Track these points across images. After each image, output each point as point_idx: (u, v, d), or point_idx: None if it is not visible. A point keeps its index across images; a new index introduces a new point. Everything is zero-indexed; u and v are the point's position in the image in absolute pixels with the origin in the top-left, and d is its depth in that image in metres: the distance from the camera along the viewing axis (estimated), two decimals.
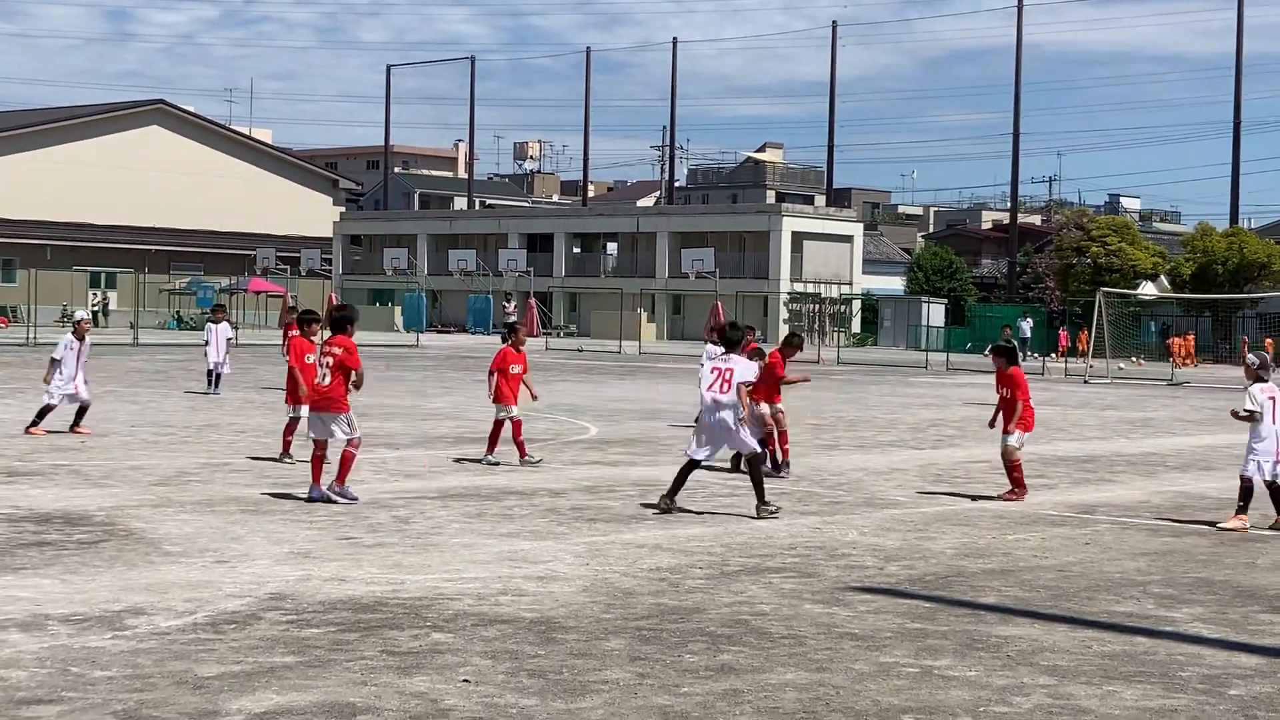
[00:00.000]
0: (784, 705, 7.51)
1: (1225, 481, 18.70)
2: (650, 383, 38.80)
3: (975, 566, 11.87)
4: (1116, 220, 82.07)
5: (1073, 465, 20.27)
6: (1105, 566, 12.02)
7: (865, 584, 10.95)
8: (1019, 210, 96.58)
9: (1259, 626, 9.77)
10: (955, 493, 16.76)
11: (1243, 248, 71.52)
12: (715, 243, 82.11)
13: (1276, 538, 13.88)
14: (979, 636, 9.22)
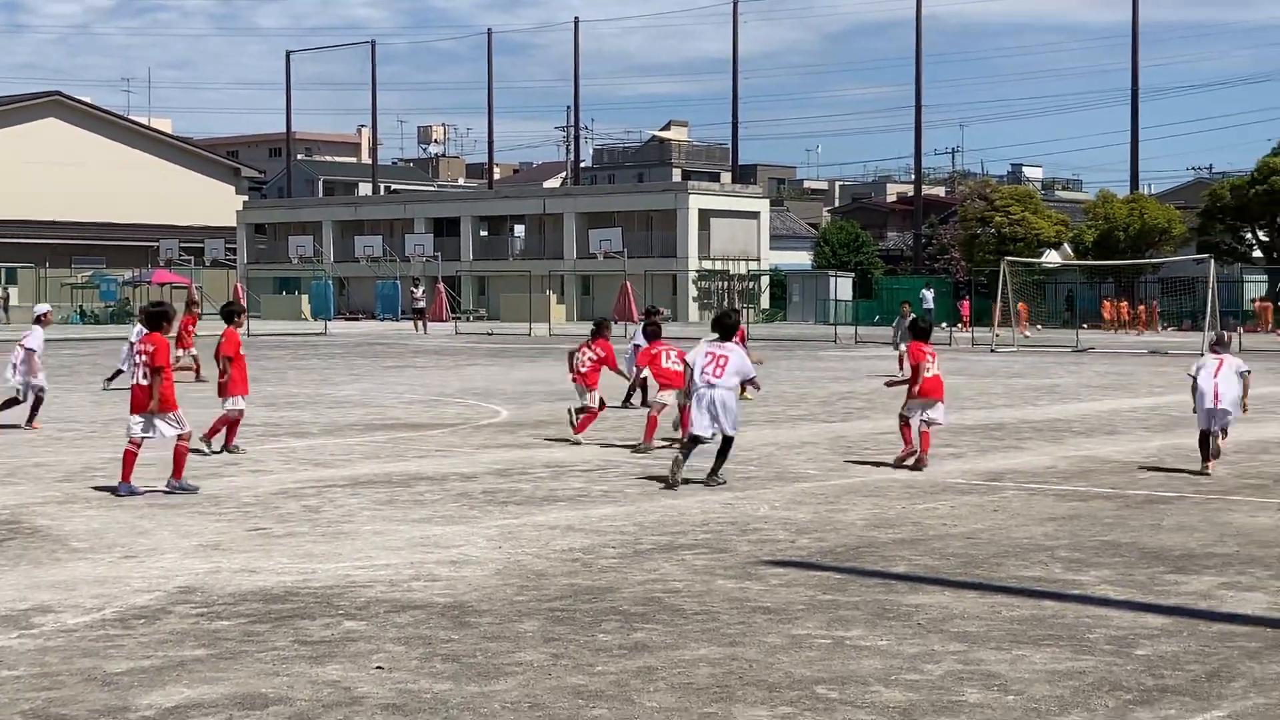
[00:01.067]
0: (697, 681, 7.55)
1: (1129, 445, 19.01)
2: (559, 364, 38.72)
3: (885, 537, 11.98)
4: (1019, 190, 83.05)
5: (980, 433, 20.49)
6: (1013, 532, 12.17)
7: (777, 558, 11.02)
8: (923, 182, 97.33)
9: (1164, 587, 9.93)
10: (864, 461, 16.88)
11: (1143, 214, 72.60)
12: (622, 222, 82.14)
13: (1180, 499, 14.11)
14: (890, 606, 9.31)
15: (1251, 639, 8.40)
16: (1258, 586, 9.90)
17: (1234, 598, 9.56)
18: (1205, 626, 8.71)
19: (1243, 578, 10.20)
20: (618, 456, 17.60)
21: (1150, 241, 72.32)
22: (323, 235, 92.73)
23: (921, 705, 7.10)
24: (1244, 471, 16.22)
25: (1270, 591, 9.73)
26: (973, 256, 76.52)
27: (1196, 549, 11.34)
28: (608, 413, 23.46)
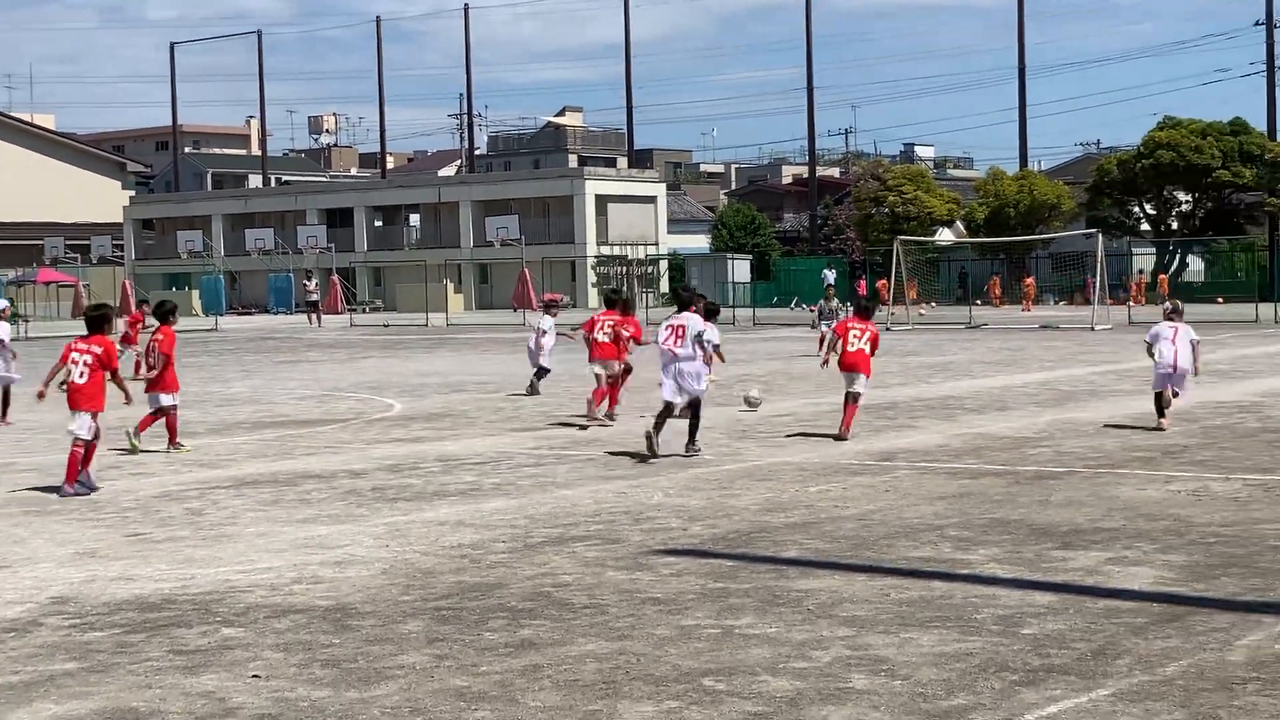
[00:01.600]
0: (583, 677, 7.43)
1: (1020, 421, 19.14)
2: (456, 355, 38.50)
3: (778, 521, 11.93)
4: (911, 169, 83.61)
5: (874, 413, 20.53)
6: (904, 512, 12.17)
7: (669, 546, 10.93)
8: (818, 164, 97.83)
9: (1052, 564, 9.95)
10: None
11: (1033, 190, 73.40)
12: (519, 209, 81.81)
13: (1070, 474, 14.19)
14: (780, 592, 9.25)
15: (1137, 615, 8.42)
16: (1144, 561, 9.95)
17: (1120, 573, 9.59)
18: (1091, 603, 8.73)
19: (1129, 552, 10.25)
20: (512, 448, 17.45)
21: (1040, 217, 73.13)
22: (212, 229, 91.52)
23: (808, 694, 7.04)
24: (1133, 445, 16.37)
25: (1156, 566, 9.78)
26: (868, 236, 77.03)
27: (1084, 524, 11.39)
28: (504, 404, 23.30)
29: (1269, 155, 70.21)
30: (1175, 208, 74.91)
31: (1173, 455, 15.37)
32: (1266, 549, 10.24)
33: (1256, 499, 12.40)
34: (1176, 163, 70.20)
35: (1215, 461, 14.77)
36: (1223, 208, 73.91)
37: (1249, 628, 8.04)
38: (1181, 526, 11.20)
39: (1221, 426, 17.90)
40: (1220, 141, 70.63)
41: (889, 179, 78.07)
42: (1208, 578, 9.37)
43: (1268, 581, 9.19)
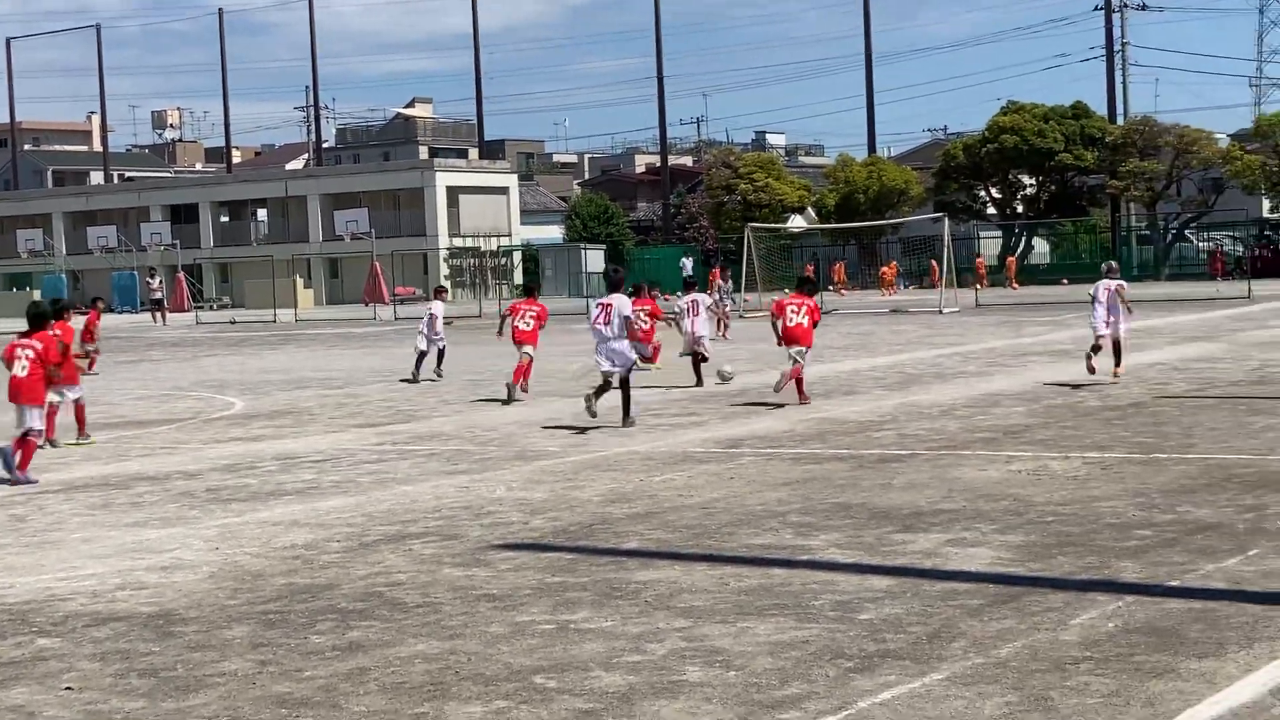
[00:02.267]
0: (411, 679, 7.23)
1: (866, 405, 19.22)
2: (303, 351, 37.92)
3: (620, 512, 11.80)
4: (762, 157, 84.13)
5: (723, 400, 20.52)
6: (747, 500, 12.10)
7: (508, 541, 10.74)
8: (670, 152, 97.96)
9: (891, 547, 9.93)
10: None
11: (881, 176, 74.22)
12: (369, 203, 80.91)
13: (913, 457, 14.24)
14: (619, 584, 9.11)
15: (973, 596, 8.40)
16: (982, 542, 9.97)
17: (959, 555, 9.59)
18: (929, 586, 8.71)
19: (968, 534, 10.27)
20: (354, 445, 17.15)
21: (889, 203, 73.96)
22: (53, 227, 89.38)
23: (641, 688, 6.90)
24: (975, 425, 16.50)
25: (994, 546, 9.80)
26: (721, 224, 77.37)
27: (925, 506, 11.41)
28: (346, 399, 22.95)
29: (1109, 138, 71.69)
30: (1020, 191, 76.20)
31: (1014, 435, 15.50)
32: (1103, 527, 10.32)
33: (1094, 477, 12.52)
34: (1020, 147, 71.42)
35: (1055, 440, 14.93)
36: (1066, 190, 75.32)
37: (1083, 607, 8.06)
38: (1020, 506, 11.26)
39: (1062, 405, 18.12)
40: (1062, 125, 71.98)
41: (740, 167, 78.44)
42: (1044, 557, 9.40)
43: (1103, 560, 9.24)
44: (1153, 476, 12.39)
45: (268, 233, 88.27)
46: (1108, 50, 76.17)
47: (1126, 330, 21.40)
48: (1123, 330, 21.14)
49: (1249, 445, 13.99)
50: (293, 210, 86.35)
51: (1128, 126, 72.48)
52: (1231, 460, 13.09)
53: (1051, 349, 28.12)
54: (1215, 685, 6.54)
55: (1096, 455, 13.77)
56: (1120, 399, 18.55)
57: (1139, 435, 15.05)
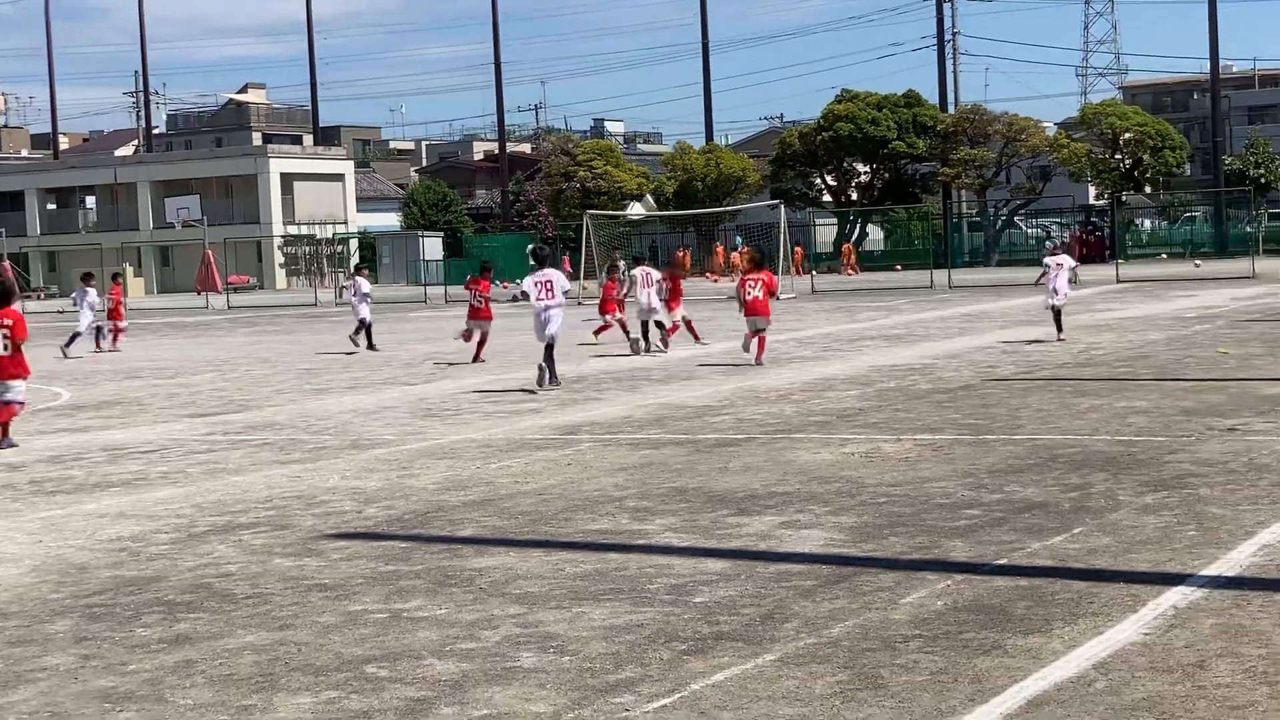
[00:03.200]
0: (239, 671, 7.09)
1: (704, 390, 19.32)
2: (133, 340, 37.10)
3: (456, 499, 11.70)
4: (601, 144, 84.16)
5: (561, 387, 20.47)
6: (584, 486, 12.08)
7: (341, 530, 10.60)
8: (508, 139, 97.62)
9: (726, 530, 9.97)
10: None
11: (719, 164, 74.74)
12: (201, 189, 79.54)
13: (749, 440, 14.33)
14: (453, 572, 9.03)
15: (806, 577, 8.47)
16: (815, 524, 10.05)
17: (793, 536, 9.67)
18: (763, 568, 8.76)
19: (802, 515, 10.36)
20: (185, 435, 16.81)
21: (727, 190, 74.51)
22: None
23: (474, 675, 6.84)
24: (810, 409, 16.66)
25: (827, 528, 9.90)
26: (560, 212, 77.30)
27: (760, 490, 11.49)
28: (178, 389, 22.50)
29: (941, 127, 72.98)
30: (855, 178, 77.29)
31: (847, 419, 15.69)
32: (933, 507, 10.47)
33: (925, 458, 12.71)
34: (855, 135, 72.43)
35: (888, 423, 15.13)
36: (899, 178, 76.58)
37: (913, 586, 8.16)
38: (853, 488, 11.39)
39: (895, 389, 18.38)
40: (895, 114, 73.11)
41: (579, 154, 78.43)
42: (876, 538, 9.51)
43: (933, 539, 9.37)
44: (981, 457, 12.61)
45: (96, 220, 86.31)
46: (939, 40, 77.56)
47: (1064, 297, 25.46)
48: (1064, 297, 25.38)
49: (1074, 426, 14.31)
50: (122, 197, 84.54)
51: (958, 115, 73.88)
52: (1057, 440, 13.37)
53: (886, 334, 28.54)
54: (1041, 661, 6.66)
55: (928, 437, 13.98)
56: (951, 382, 18.87)
57: (969, 417, 15.32)
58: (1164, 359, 20.75)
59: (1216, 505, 10.04)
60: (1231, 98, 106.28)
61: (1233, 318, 28.65)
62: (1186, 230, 77.60)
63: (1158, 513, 9.88)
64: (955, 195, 76.54)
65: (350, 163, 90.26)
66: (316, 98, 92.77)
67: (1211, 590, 7.78)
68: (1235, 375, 18.13)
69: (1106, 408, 15.54)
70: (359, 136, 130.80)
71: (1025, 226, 79.36)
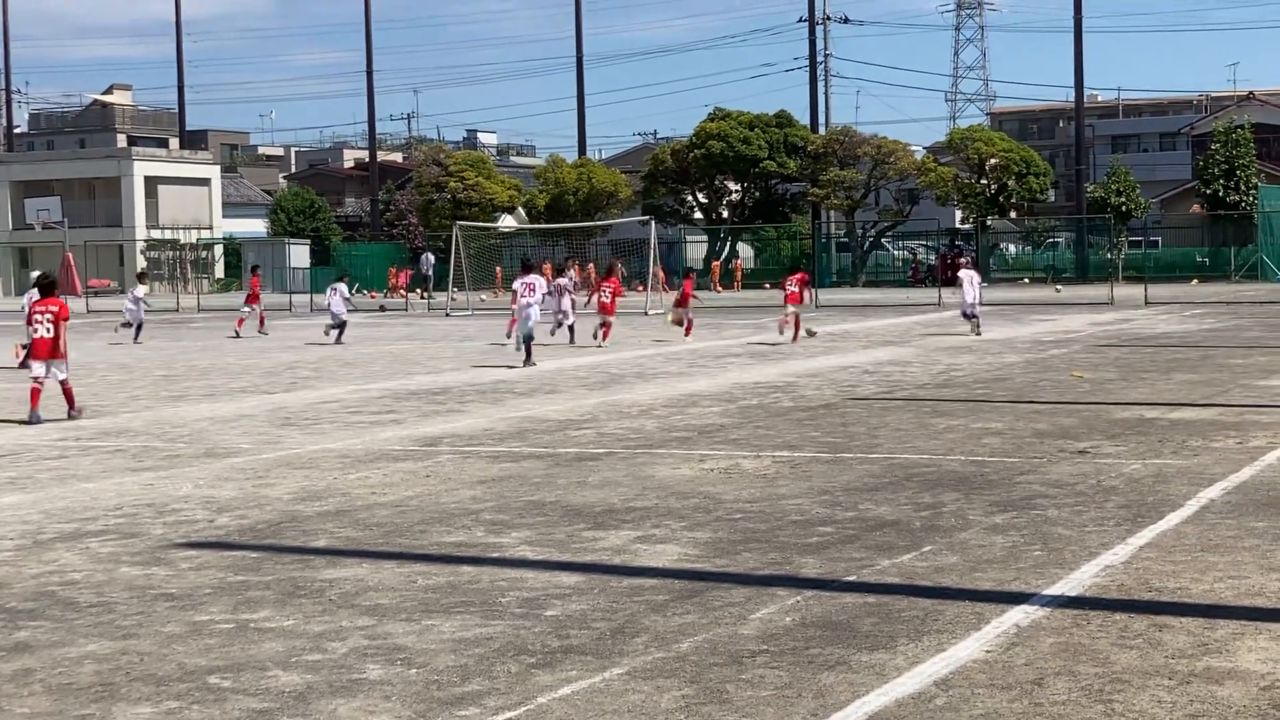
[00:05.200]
0: (79, 680, 6.97)
1: (567, 403, 19.35)
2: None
3: (311, 510, 11.61)
4: (473, 155, 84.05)
5: (424, 398, 20.41)
6: (442, 498, 12.04)
7: (191, 539, 10.46)
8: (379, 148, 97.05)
9: (582, 544, 9.99)
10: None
11: (591, 178, 74.91)
12: (62, 191, 78.12)
13: (609, 455, 14.36)
14: (303, 583, 8.96)
15: (659, 592, 8.52)
16: (671, 539, 10.11)
17: (647, 551, 9.71)
18: (617, 582, 8.79)
19: (658, 530, 10.41)
20: (35, 440, 16.50)
21: (599, 205, 74.70)
22: None
23: (319, 687, 6.79)
24: (672, 425, 16.74)
25: (682, 543, 9.95)
26: (430, 222, 76.96)
27: (618, 504, 11.52)
28: None
29: (811, 147, 73.78)
30: (726, 196, 77.84)
31: (708, 435, 15.79)
32: (787, 523, 10.58)
33: (783, 475, 12.83)
34: (726, 153, 72.99)
35: (748, 440, 15.25)
36: (770, 197, 77.27)
37: (763, 601, 8.24)
38: (710, 504, 11.46)
39: (757, 406, 18.53)
40: (767, 133, 73.82)
41: (451, 165, 78.17)
42: (730, 553, 9.58)
43: (785, 555, 9.47)
44: (838, 475, 12.76)
45: None
46: (810, 61, 78.42)
47: (979, 304, 32.51)
48: (980, 306, 32.73)
49: (930, 445, 14.53)
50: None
51: (829, 136, 74.72)
52: (913, 460, 13.57)
53: (751, 351, 28.77)
54: (884, 677, 6.76)
55: (787, 454, 14.12)
56: (812, 400, 19.07)
57: (828, 435, 15.49)
58: (1020, 382, 21.14)
59: (1063, 526, 10.25)
60: (1096, 126, 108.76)
61: (1089, 342, 29.27)
62: (1049, 255, 79.25)
63: (1006, 532, 10.06)
64: (824, 215, 77.40)
65: (217, 167, 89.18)
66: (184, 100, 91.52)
67: (1054, 609, 7.95)
68: (1089, 399, 18.52)
69: (962, 428, 15.80)
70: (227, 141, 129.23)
71: (892, 248, 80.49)
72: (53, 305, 18.87)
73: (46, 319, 18.74)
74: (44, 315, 18.77)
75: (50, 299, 19.00)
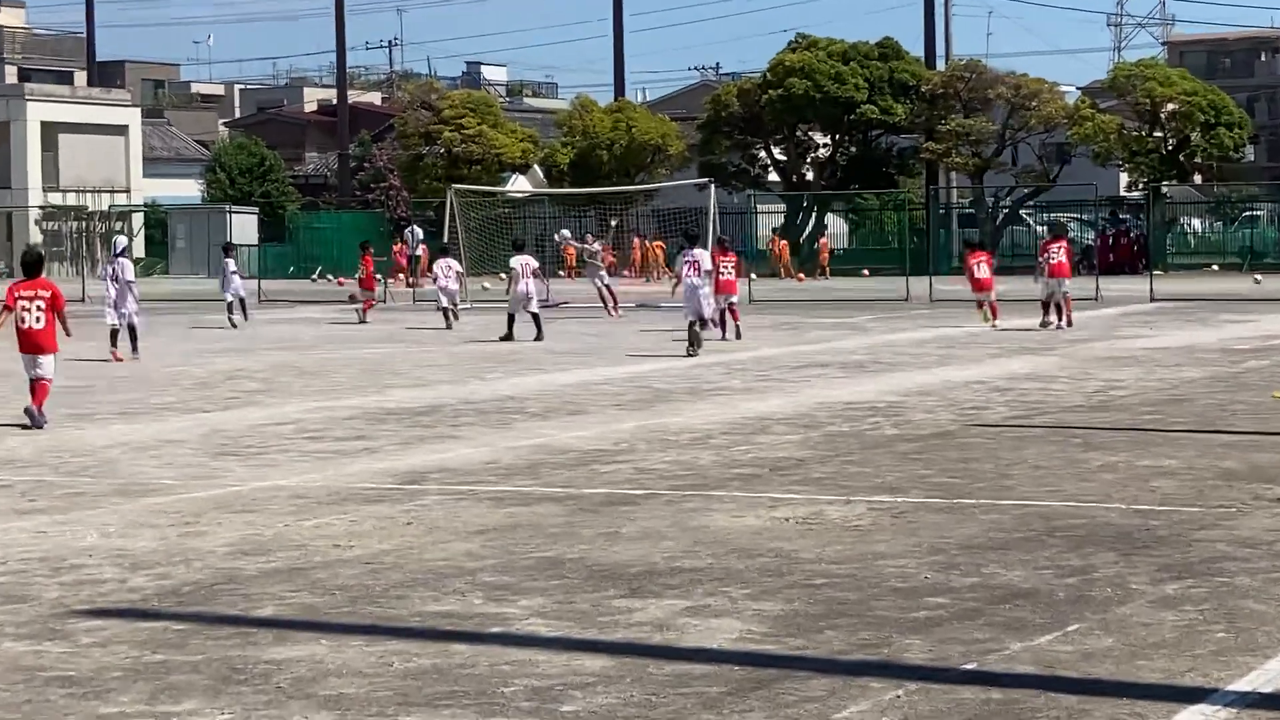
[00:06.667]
0: None
1: (595, 428, 19.46)
2: None
3: (255, 568, 11.71)
4: (475, 96, 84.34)
5: (405, 419, 20.53)
6: (428, 553, 12.12)
7: (97, 605, 10.58)
8: (351, 86, 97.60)
9: (612, 617, 10.04)
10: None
11: (631, 127, 74.95)
12: None
13: (650, 497, 14.43)
14: (243, 664, 9.04)
15: (713, 682, 8.56)
16: (730, 611, 10.15)
17: (699, 627, 9.76)
18: (657, 668, 8.83)
19: (713, 600, 10.45)
20: None
21: (641, 163, 74.84)
22: None
23: None
24: (734, 458, 16.80)
25: (745, 617, 9.99)
26: (417, 185, 77.27)
27: (660, 563, 11.58)
28: None
29: (926, 87, 73.65)
30: (811, 152, 77.79)
31: (783, 472, 15.83)
32: (886, 592, 10.60)
33: (881, 527, 12.86)
34: (812, 94, 72.94)
35: (835, 480, 15.28)
36: (870, 153, 77.14)
37: (852, 696, 8.27)
38: (783, 565, 11.50)
39: (849, 434, 18.57)
40: (867, 68, 73.76)
41: (445, 109, 78.48)
42: (808, 631, 9.61)
43: (881, 634, 9.49)
44: (955, 528, 12.77)
45: None
46: None
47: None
48: (1069, 285, 35.43)
49: (1079, 490, 14.52)
50: None
51: (950, 72, 74.69)
52: (1056, 509, 13.57)
53: (842, 360, 28.80)
54: None
55: (886, 499, 14.13)
56: (922, 427, 19.09)
57: (943, 475, 15.50)
58: (1203, 405, 21.11)
59: (1256, 599, 10.24)
60: None
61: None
62: (1245, 235, 78.76)
63: (1179, 607, 10.06)
64: (943, 178, 77.33)
65: (137, 111, 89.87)
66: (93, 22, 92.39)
67: (1240, 710, 7.95)
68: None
69: (1124, 467, 15.79)
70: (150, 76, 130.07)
71: (1034, 222, 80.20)
72: (44, 289, 20.29)
73: (37, 306, 20.01)
74: (32, 302, 20.03)
75: (38, 280, 20.47)
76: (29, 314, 20.00)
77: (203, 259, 76.36)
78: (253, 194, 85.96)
